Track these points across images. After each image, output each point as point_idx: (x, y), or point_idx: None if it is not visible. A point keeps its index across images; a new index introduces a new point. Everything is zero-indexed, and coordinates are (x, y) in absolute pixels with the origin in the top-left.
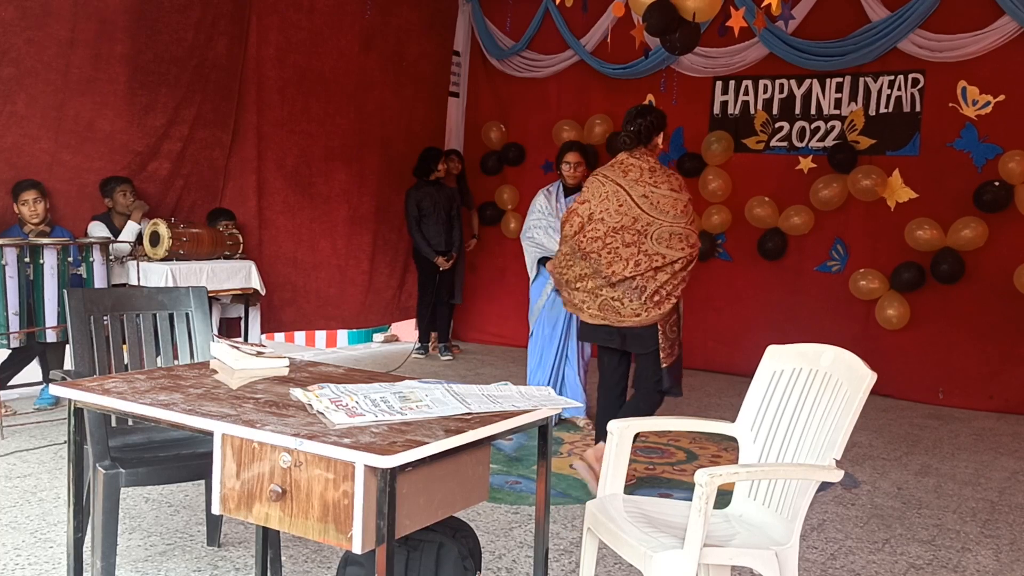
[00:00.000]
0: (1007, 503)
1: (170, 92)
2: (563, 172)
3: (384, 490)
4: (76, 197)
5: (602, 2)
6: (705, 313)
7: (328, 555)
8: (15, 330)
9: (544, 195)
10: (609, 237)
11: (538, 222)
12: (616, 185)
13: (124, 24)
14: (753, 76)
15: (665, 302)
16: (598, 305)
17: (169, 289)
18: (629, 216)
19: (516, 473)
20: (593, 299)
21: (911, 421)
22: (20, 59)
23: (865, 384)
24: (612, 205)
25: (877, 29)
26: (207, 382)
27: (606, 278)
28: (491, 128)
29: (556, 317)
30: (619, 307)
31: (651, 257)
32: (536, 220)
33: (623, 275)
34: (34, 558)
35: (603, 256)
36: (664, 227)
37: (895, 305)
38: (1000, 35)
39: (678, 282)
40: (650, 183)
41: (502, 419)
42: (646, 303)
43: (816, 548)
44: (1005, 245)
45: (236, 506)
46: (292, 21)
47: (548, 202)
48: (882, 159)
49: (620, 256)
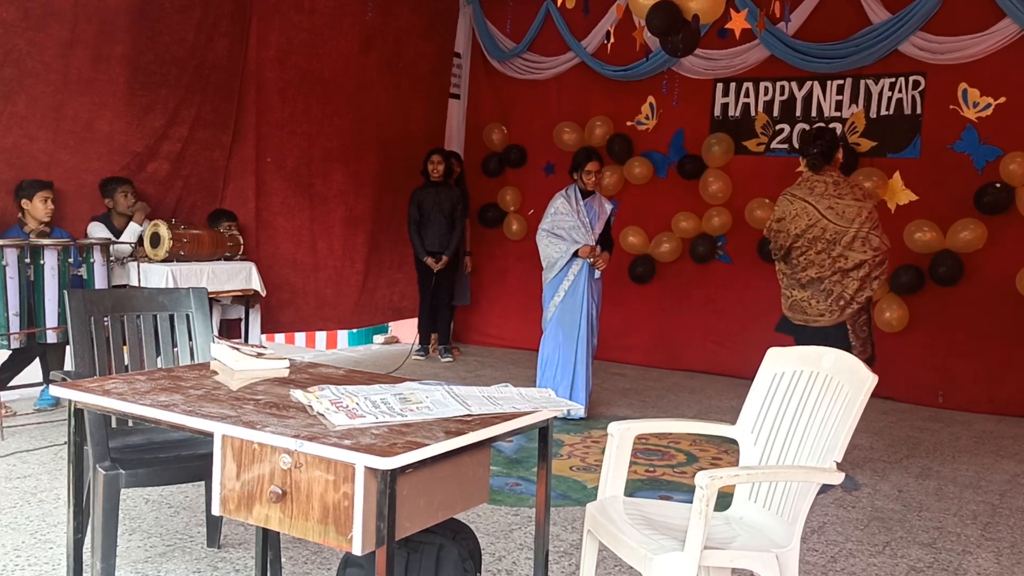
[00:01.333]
0: (1008, 506)
1: (170, 93)
2: (584, 180)
3: (384, 492)
4: (75, 198)
5: (603, 4)
6: (706, 315)
7: (328, 557)
8: (15, 331)
9: (563, 198)
10: (803, 246)
11: (563, 221)
12: (804, 202)
13: (125, 25)
14: (754, 78)
15: (848, 306)
16: (788, 305)
17: (169, 290)
18: (818, 227)
19: (516, 475)
20: (784, 300)
21: (912, 424)
22: (21, 60)
23: (866, 387)
24: (803, 220)
25: (878, 31)
26: (207, 383)
27: (797, 279)
28: (492, 130)
29: (574, 318)
30: (806, 307)
31: (834, 259)
32: (562, 220)
33: (811, 276)
34: (34, 559)
35: (798, 261)
36: (849, 232)
37: (894, 307)
38: (1001, 37)
39: (864, 287)
40: (835, 195)
41: (502, 421)
42: (831, 305)
43: (817, 551)
44: (1006, 247)
45: (236, 507)
46: (293, 22)
47: (568, 203)
48: (883, 161)
49: (813, 262)
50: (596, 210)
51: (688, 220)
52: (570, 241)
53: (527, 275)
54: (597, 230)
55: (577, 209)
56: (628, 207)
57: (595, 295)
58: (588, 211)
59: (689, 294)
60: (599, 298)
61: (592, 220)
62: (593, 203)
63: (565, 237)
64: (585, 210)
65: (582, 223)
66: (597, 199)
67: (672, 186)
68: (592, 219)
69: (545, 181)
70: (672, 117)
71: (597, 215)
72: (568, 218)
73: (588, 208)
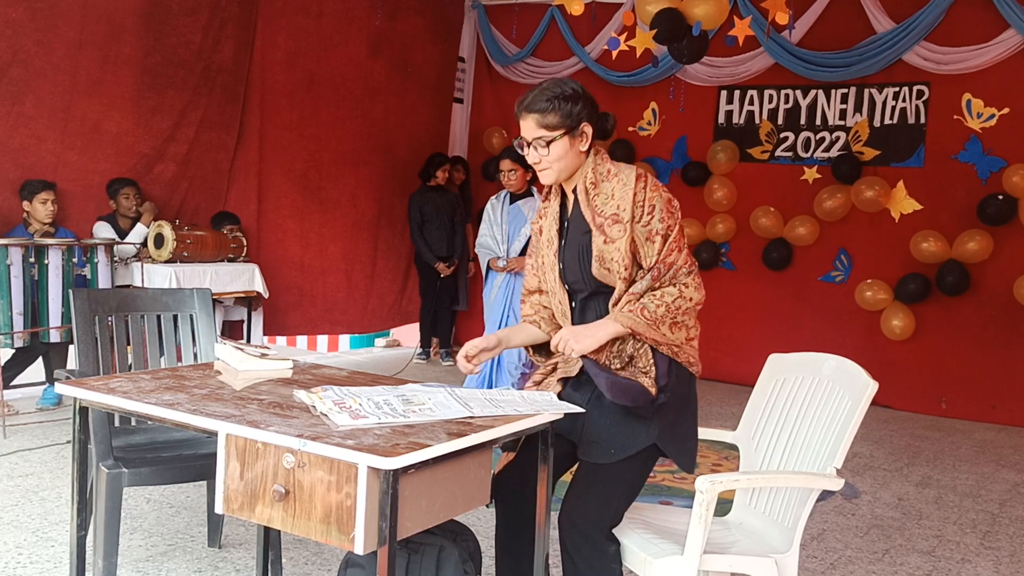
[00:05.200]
0: (1008, 515)
1: (177, 95)
2: (500, 180)
3: (387, 492)
4: (81, 198)
5: (608, 10)
6: (708, 322)
7: (328, 558)
8: (19, 330)
9: (490, 203)
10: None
11: (483, 229)
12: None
13: (132, 26)
14: (758, 86)
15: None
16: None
17: (174, 291)
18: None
19: None
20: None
21: (912, 432)
22: (29, 60)
23: (867, 393)
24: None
25: (882, 41)
26: (211, 383)
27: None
28: (493, 134)
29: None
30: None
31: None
32: (483, 227)
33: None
34: (35, 557)
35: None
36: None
37: (900, 316)
38: (1005, 48)
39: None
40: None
41: (504, 423)
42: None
43: (816, 557)
44: (1009, 257)
45: (239, 506)
46: (300, 26)
47: (494, 212)
48: (887, 170)
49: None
50: (525, 216)
51: (692, 227)
52: (487, 252)
53: None
54: (522, 236)
55: (502, 217)
56: None
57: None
58: (512, 217)
59: None
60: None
61: (515, 227)
62: (524, 207)
63: (485, 248)
64: (509, 216)
65: (494, 233)
66: (531, 203)
67: (676, 193)
68: (516, 226)
69: None
70: (675, 123)
71: (525, 220)
72: (484, 226)
73: (514, 214)
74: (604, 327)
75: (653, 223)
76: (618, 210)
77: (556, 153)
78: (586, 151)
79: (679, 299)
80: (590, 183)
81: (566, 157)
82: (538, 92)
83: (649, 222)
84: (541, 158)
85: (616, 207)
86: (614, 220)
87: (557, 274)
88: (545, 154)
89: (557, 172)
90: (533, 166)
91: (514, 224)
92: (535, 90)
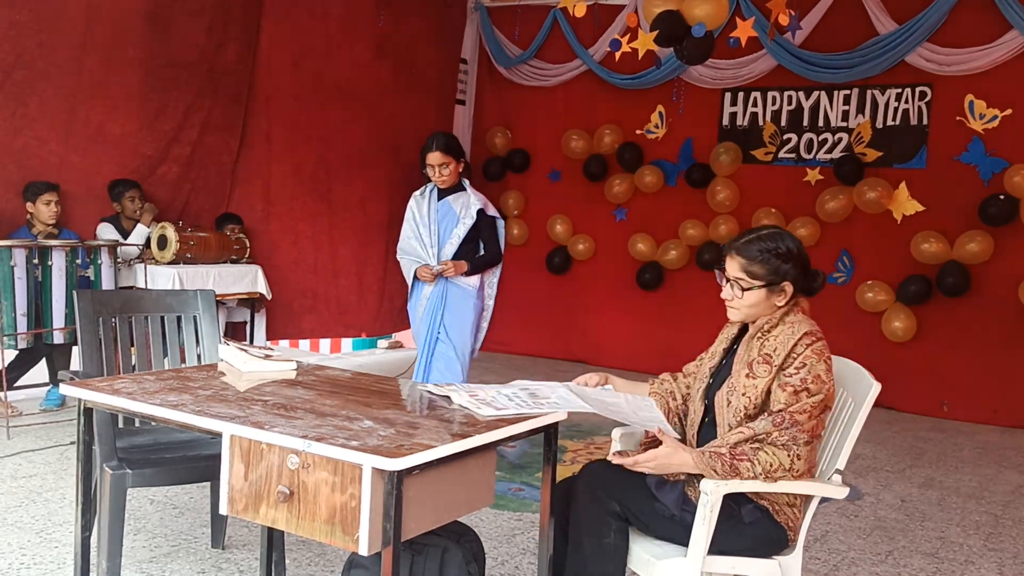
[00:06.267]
0: (1011, 517)
1: (181, 96)
2: (428, 176)
3: (391, 493)
4: (84, 200)
5: (611, 12)
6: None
7: (332, 559)
8: (23, 331)
9: (414, 199)
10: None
11: (406, 230)
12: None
13: (136, 28)
14: (762, 88)
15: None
16: None
17: (177, 292)
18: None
19: (519, 480)
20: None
21: (915, 434)
22: (33, 62)
23: (870, 394)
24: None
25: (885, 42)
26: (215, 384)
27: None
28: (495, 134)
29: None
30: None
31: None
32: (406, 228)
33: None
34: (39, 557)
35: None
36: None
37: (901, 317)
38: (1008, 49)
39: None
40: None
41: (508, 424)
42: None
43: (819, 559)
44: (1011, 259)
45: (244, 507)
46: (306, 27)
47: (419, 210)
48: (889, 171)
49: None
50: (457, 214)
51: (695, 228)
52: (413, 257)
53: (529, 280)
54: (455, 237)
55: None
56: (636, 215)
57: (463, 316)
58: (442, 216)
59: (696, 301)
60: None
61: (447, 227)
62: (456, 204)
63: (409, 252)
64: (438, 215)
65: (420, 235)
66: (463, 199)
67: (680, 194)
68: (447, 225)
69: (550, 188)
70: (681, 126)
71: (458, 219)
72: (407, 227)
73: (444, 211)
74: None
75: (797, 377)
76: (773, 353)
77: (750, 300)
78: (782, 305)
79: (780, 469)
80: (766, 328)
81: (758, 306)
82: (755, 238)
83: (794, 374)
84: (734, 297)
85: (773, 349)
86: (765, 360)
87: (704, 388)
88: (739, 296)
89: (744, 315)
90: (724, 299)
91: (445, 223)
92: (753, 233)
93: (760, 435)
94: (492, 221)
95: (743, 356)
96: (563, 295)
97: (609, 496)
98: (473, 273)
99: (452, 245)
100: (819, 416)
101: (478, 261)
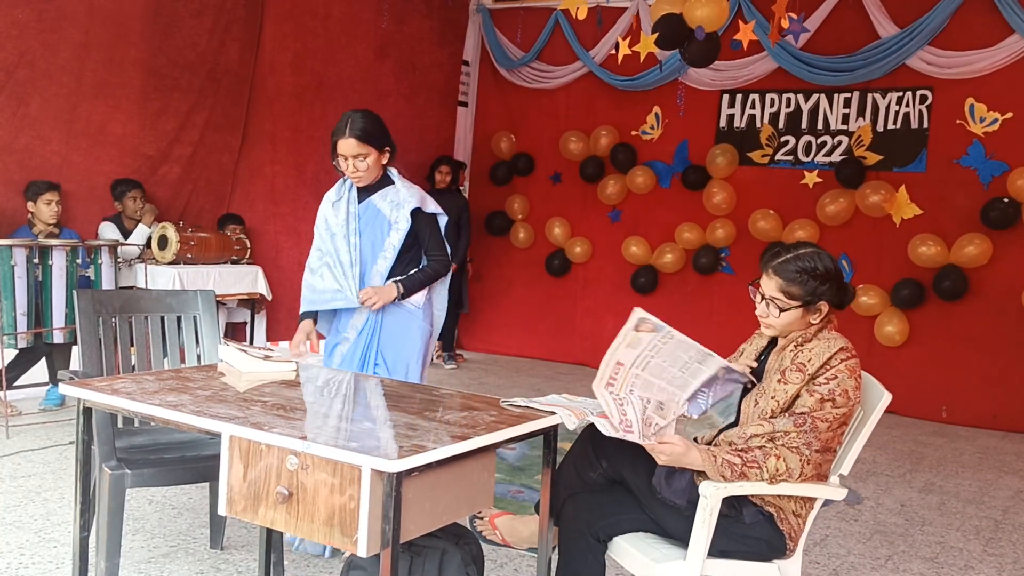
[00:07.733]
0: (1011, 522)
1: (182, 96)
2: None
3: (390, 494)
4: (86, 199)
5: (613, 14)
6: (708, 326)
7: (331, 560)
8: (23, 330)
9: (328, 200)
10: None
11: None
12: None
13: (138, 28)
14: (760, 90)
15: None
16: None
17: (177, 292)
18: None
19: (519, 482)
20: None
21: (915, 438)
22: (35, 61)
23: (880, 404)
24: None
25: (886, 45)
26: (215, 384)
27: None
28: (501, 138)
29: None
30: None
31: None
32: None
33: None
34: (38, 557)
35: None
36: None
37: (894, 322)
38: (1009, 53)
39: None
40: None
41: (507, 426)
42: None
43: (819, 563)
44: (1011, 263)
45: (243, 508)
46: (308, 28)
47: (335, 217)
48: (889, 175)
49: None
50: (387, 217)
51: (691, 231)
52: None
53: (533, 283)
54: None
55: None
56: (630, 217)
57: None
58: (367, 223)
59: (692, 305)
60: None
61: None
62: (383, 202)
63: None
64: (360, 222)
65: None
66: (391, 196)
67: (675, 197)
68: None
69: (552, 190)
70: (678, 128)
71: (389, 224)
72: (319, 240)
73: (369, 216)
74: (699, 464)
75: (826, 387)
76: (807, 363)
77: (785, 320)
78: (816, 322)
79: (788, 475)
80: (800, 341)
81: (793, 324)
82: (792, 257)
83: (824, 384)
84: (770, 315)
85: (808, 359)
86: (799, 368)
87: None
88: (775, 315)
89: (779, 331)
90: (759, 316)
91: (371, 231)
92: (790, 252)
93: (778, 432)
94: (433, 219)
95: (775, 364)
96: (562, 297)
97: (599, 518)
98: (415, 292)
99: (386, 259)
100: (837, 429)
101: (417, 278)
